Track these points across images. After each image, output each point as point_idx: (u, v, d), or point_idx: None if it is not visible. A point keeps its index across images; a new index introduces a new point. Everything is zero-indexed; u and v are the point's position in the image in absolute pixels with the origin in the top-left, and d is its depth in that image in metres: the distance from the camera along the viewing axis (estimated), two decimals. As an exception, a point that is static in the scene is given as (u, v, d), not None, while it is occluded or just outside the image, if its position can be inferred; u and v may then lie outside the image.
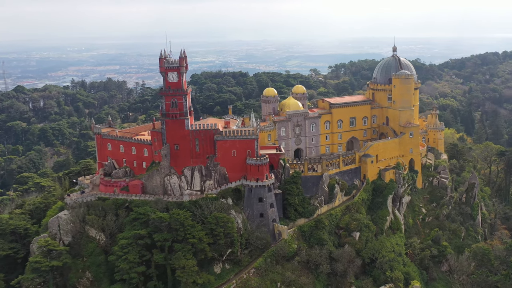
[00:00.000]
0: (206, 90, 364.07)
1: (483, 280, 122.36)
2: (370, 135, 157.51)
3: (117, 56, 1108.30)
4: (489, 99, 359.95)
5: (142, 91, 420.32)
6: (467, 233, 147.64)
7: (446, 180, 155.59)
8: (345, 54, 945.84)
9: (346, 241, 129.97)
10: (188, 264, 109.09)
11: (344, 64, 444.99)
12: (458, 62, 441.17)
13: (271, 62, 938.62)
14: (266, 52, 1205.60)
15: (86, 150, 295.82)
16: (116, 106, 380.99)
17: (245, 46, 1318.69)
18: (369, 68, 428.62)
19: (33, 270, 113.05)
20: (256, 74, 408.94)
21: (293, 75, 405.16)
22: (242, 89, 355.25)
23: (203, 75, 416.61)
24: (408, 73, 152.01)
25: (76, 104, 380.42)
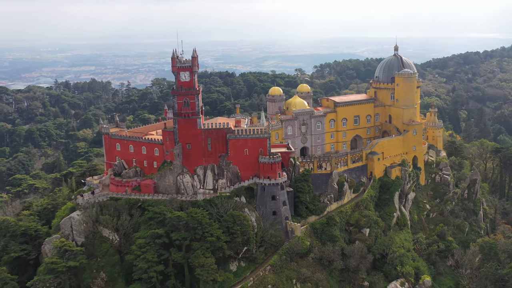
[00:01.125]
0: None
1: (493, 273, 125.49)
2: (373, 133, 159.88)
3: (92, 56, 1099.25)
4: (472, 98, 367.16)
5: (127, 92, 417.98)
6: (470, 228, 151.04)
7: (448, 177, 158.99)
8: (321, 54, 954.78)
9: (356, 237, 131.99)
10: (208, 262, 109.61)
11: (329, 64, 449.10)
12: (440, 62, 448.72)
13: (248, 62, 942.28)
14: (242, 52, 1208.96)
15: (75, 151, 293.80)
16: (102, 107, 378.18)
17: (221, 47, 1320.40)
18: (353, 67, 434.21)
19: (49, 271, 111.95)
20: (242, 74, 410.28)
21: (279, 75, 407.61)
22: (230, 89, 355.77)
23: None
24: (411, 72, 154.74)
25: (61, 105, 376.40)
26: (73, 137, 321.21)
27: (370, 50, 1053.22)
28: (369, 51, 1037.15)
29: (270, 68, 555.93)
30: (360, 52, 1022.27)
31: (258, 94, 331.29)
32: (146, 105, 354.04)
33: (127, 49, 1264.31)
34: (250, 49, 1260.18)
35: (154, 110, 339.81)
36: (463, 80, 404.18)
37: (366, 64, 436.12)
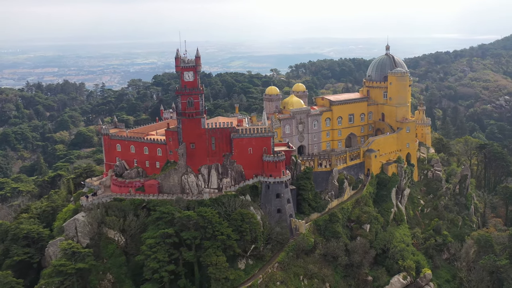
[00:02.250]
0: (172, 91, 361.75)
1: (491, 265, 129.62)
2: (366, 131, 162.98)
3: (55, 58, 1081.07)
4: (445, 97, 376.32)
5: (102, 93, 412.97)
6: (463, 222, 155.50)
7: (440, 173, 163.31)
8: (287, 55, 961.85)
9: (358, 233, 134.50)
10: (220, 261, 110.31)
11: (304, 64, 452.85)
12: (412, 61, 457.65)
13: (214, 63, 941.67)
14: (208, 53, 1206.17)
15: (54, 154, 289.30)
16: (78, 108, 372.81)
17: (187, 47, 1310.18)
18: (328, 67, 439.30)
19: (58, 273, 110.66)
20: (219, 75, 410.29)
21: (256, 75, 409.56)
22: (208, 90, 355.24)
23: (166, 76, 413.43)
24: (404, 71, 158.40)
25: (35, 107, 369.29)
26: (50, 140, 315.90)
27: (335, 51, 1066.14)
28: (334, 51, 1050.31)
29: (237, 69, 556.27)
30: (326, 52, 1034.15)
31: (238, 94, 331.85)
32: (123, 107, 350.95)
33: (91, 50, 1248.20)
34: (216, 50, 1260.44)
35: (132, 111, 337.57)
36: (435, 79, 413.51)
37: (341, 64, 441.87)
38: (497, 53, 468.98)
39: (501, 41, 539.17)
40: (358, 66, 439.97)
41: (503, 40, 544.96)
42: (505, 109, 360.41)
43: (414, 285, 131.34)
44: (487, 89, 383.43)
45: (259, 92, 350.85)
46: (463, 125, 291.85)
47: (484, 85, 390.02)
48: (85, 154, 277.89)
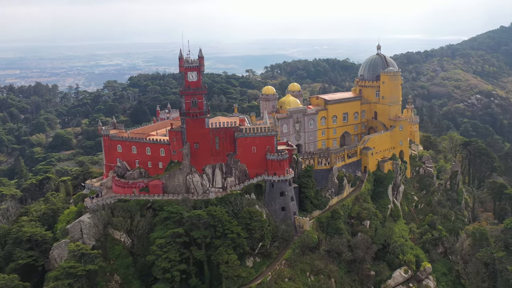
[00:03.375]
0: (151, 92, 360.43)
1: (489, 257, 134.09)
2: (360, 129, 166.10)
3: (16, 60, 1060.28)
4: (419, 96, 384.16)
5: (76, 95, 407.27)
6: (456, 217, 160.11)
7: (431, 169, 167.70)
8: (253, 56, 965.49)
9: (358, 229, 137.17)
10: (231, 259, 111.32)
11: (279, 65, 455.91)
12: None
13: None
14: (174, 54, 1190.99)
15: (32, 157, 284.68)
16: (53, 110, 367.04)
17: (152, 49, 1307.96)
18: (303, 68, 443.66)
19: (68, 275, 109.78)
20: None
21: (232, 76, 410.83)
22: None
23: (142, 77, 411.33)
24: (396, 70, 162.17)
25: (9, 109, 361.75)
26: (26, 143, 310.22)
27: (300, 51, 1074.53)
28: (299, 52, 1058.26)
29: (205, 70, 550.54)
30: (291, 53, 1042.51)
31: (218, 95, 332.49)
32: (101, 108, 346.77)
33: (53, 51, 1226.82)
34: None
35: (110, 113, 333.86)
36: (408, 79, 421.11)
37: (315, 65, 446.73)
38: (466, 53, 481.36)
39: (468, 42, 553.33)
40: (332, 67, 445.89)
41: (470, 40, 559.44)
42: (477, 108, 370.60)
43: (415, 279, 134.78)
44: (459, 88, 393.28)
45: (237, 92, 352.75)
46: (440, 123, 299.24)
47: (455, 84, 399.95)
48: (65, 157, 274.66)
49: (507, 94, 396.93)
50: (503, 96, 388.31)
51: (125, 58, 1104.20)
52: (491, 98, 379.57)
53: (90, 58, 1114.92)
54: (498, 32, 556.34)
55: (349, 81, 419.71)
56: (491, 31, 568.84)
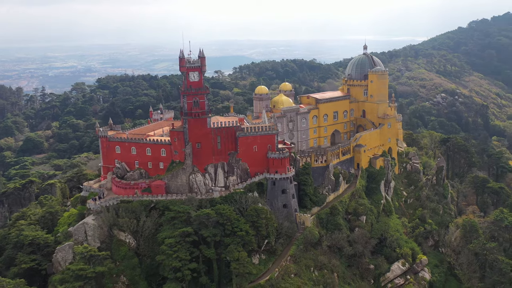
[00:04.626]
0: (121, 94, 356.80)
1: (481, 248, 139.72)
2: (349, 127, 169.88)
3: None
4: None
5: (43, 98, 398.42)
6: (444, 211, 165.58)
7: (418, 165, 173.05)
8: (211, 57, 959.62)
9: (355, 224, 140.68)
10: (242, 256, 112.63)
11: (248, 66, 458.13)
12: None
13: (138, 66, 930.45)
14: (130, 56, 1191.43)
15: (3, 161, 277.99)
16: (20, 114, 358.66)
17: (107, 50, 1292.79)
18: (272, 68, 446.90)
19: (77, 277, 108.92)
20: (166, 77, 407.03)
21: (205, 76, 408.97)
22: (160, 92, 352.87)
23: (111, 79, 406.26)
24: (384, 69, 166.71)
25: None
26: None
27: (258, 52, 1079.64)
28: (257, 53, 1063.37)
29: (162, 71, 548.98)
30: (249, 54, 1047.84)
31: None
32: (70, 111, 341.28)
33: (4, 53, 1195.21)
34: (138, 53, 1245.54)
35: (80, 115, 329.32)
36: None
37: (284, 65, 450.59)
38: (429, 53, 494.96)
39: (428, 42, 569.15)
40: (300, 67, 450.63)
41: (430, 41, 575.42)
42: (442, 106, 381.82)
43: (411, 271, 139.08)
44: (424, 87, 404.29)
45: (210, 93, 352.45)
46: (411, 121, 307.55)
47: (421, 84, 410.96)
48: (39, 160, 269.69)
49: (470, 93, 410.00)
50: (467, 95, 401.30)
51: (79, 60, 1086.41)
52: (456, 96, 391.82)
53: (43, 60, 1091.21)
54: (456, 33, 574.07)
55: (317, 81, 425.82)
56: (450, 32, 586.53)
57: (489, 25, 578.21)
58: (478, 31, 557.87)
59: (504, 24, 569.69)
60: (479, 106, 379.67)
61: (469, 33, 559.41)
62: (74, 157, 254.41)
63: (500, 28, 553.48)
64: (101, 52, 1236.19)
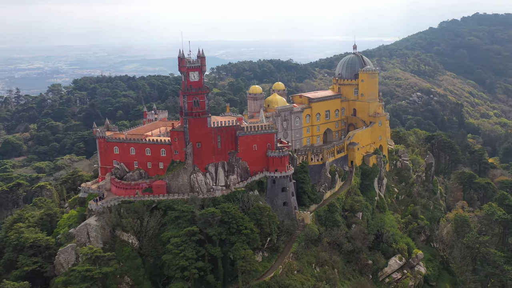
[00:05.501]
0: (100, 95, 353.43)
1: (474, 241, 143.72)
2: (340, 126, 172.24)
3: None
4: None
5: (17, 100, 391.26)
6: (434, 206, 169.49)
7: (408, 162, 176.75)
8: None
9: (352, 221, 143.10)
10: (248, 254, 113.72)
11: (225, 66, 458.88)
12: (327, 62, 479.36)
13: (106, 67, 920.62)
14: (98, 57, 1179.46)
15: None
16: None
17: (74, 52, 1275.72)
18: (249, 69, 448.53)
19: (83, 278, 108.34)
20: (144, 78, 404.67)
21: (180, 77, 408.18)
22: (140, 93, 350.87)
23: (87, 80, 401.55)
24: (374, 69, 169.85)
25: None
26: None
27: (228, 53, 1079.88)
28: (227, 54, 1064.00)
29: (131, 73, 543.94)
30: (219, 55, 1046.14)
31: (173, 96, 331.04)
32: (48, 112, 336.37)
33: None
34: (106, 54, 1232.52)
35: (59, 117, 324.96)
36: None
37: (261, 66, 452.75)
38: (403, 53, 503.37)
39: (401, 42, 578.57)
40: (277, 67, 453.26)
41: (403, 41, 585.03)
42: (418, 105, 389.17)
43: (408, 265, 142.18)
44: (400, 87, 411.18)
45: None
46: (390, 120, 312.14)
47: (397, 83, 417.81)
48: (20, 163, 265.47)
49: (445, 92, 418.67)
50: (441, 94, 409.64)
51: (46, 62, 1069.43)
52: (431, 95, 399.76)
53: (8, 62, 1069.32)
54: (428, 33, 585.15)
55: (295, 81, 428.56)
56: (421, 32, 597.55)
57: (459, 26, 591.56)
58: (449, 31, 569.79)
59: (474, 24, 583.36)
60: (453, 104, 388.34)
61: (441, 33, 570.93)
62: (57, 159, 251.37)
63: (470, 28, 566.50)
64: (68, 53, 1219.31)
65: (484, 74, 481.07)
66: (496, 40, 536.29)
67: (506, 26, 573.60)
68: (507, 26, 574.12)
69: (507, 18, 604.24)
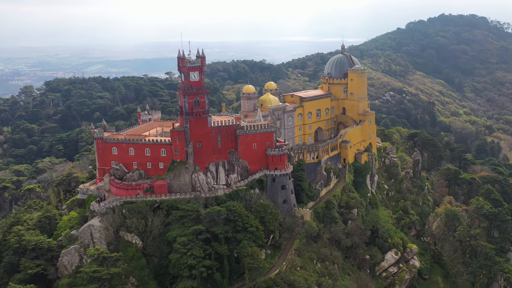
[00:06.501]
0: (75, 97, 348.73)
1: (466, 235, 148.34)
2: (330, 124, 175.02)
3: None
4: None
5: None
6: (423, 202, 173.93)
7: (396, 159, 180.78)
8: (146, 59, 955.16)
9: (348, 217, 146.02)
10: (255, 251, 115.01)
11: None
12: (300, 62, 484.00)
13: (69, 69, 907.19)
14: (60, 58, 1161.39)
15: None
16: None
17: (35, 53, 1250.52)
18: (224, 69, 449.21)
19: (92, 279, 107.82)
20: (117, 79, 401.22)
21: (155, 78, 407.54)
22: (117, 95, 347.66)
23: (60, 81, 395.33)
24: (363, 68, 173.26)
25: None
26: None
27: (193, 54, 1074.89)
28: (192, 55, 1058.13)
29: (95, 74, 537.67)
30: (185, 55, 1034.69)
31: (151, 97, 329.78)
32: (22, 115, 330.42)
33: None
34: (68, 55, 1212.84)
35: (33, 120, 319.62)
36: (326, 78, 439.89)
37: (235, 66, 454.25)
38: (374, 53, 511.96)
39: (370, 42, 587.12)
40: (251, 68, 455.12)
41: (372, 41, 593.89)
42: (391, 104, 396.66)
43: (403, 259, 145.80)
44: (373, 86, 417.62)
45: (167, 95, 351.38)
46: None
47: (369, 83, 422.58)
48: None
49: (416, 91, 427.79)
50: (413, 93, 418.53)
51: (6, 63, 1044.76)
52: (403, 94, 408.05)
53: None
54: (397, 34, 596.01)
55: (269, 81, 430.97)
56: (390, 32, 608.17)
57: (426, 26, 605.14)
58: (417, 32, 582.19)
59: (440, 25, 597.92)
60: (425, 103, 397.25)
61: (409, 33, 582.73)
62: (37, 162, 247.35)
63: (438, 29, 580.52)
64: (29, 55, 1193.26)
65: (452, 73, 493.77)
66: (463, 40, 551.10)
67: (471, 26, 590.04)
68: (472, 26, 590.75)
69: (471, 19, 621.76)
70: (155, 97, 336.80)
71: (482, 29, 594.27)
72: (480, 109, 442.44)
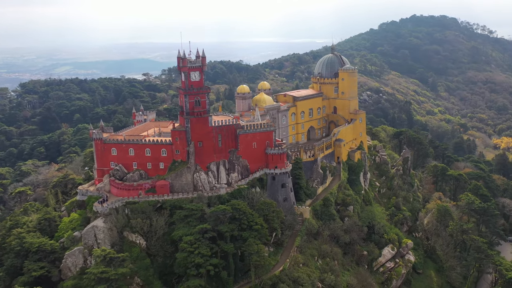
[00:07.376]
0: (53, 98, 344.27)
1: (459, 229, 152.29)
2: (321, 123, 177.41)
3: None
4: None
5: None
6: (413, 198, 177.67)
7: (386, 157, 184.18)
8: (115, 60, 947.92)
9: (345, 214, 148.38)
10: (261, 249, 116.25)
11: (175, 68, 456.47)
12: (277, 62, 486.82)
13: (36, 71, 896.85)
14: (26, 60, 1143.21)
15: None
16: None
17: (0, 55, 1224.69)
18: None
19: (100, 280, 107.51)
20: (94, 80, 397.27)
21: (133, 80, 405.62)
22: (96, 96, 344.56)
23: (36, 83, 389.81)
24: (353, 68, 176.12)
25: None
26: None
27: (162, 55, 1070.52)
28: (161, 56, 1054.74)
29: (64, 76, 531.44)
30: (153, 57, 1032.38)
31: (131, 98, 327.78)
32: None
33: None
34: (35, 57, 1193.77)
35: (11, 122, 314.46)
36: (302, 78, 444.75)
37: (213, 67, 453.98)
38: (349, 53, 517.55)
39: (345, 43, 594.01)
40: (229, 68, 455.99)
41: (346, 41, 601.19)
42: (369, 103, 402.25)
43: (399, 254, 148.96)
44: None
45: (147, 96, 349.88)
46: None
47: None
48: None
49: (393, 91, 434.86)
50: (390, 92, 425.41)
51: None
52: (380, 94, 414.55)
53: None
54: (371, 34, 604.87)
55: (247, 82, 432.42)
56: (363, 33, 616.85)
57: (398, 27, 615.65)
58: (390, 32, 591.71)
59: (412, 26, 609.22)
60: (402, 102, 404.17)
61: (382, 34, 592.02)
62: (19, 164, 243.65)
63: (410, 29, 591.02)
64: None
65: (426, 73, 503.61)
66: (435, 40, 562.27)
67: (442, 27, 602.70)
68: (443, 27, 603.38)
69: (442, 20, 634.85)
70: (135, 98, 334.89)
71: (453, 29, 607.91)
72: (454, 108, 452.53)
